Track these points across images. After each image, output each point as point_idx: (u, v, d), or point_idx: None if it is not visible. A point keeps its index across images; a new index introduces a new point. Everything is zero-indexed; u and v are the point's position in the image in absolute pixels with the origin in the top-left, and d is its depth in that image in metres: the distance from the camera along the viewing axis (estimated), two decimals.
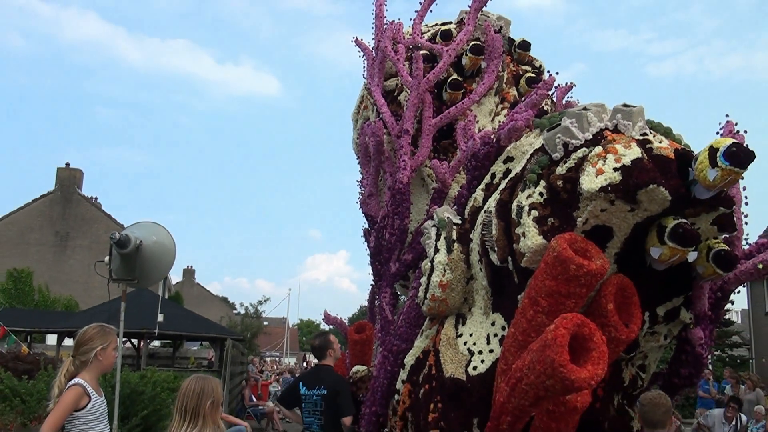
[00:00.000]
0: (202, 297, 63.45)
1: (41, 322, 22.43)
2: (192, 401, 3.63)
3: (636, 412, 9.41)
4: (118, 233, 5.94)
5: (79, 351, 4.35)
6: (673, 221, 7.24)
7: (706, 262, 7.61)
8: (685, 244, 7.16)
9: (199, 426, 3.60)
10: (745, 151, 6.86)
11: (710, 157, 6.88)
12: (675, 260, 7.41)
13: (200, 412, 3.64)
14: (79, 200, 39.02)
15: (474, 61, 12.30)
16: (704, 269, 7.73)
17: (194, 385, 3.71)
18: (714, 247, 7.61)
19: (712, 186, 6.94)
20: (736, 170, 6.77)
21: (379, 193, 13.54)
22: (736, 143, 6.90)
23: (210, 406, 3.67)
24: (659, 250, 7.33)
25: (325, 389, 6.42)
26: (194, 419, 3.60)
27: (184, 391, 3.67)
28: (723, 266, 7.60)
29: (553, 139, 7.91)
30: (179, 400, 3.68)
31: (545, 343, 6.81)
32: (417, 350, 10.23)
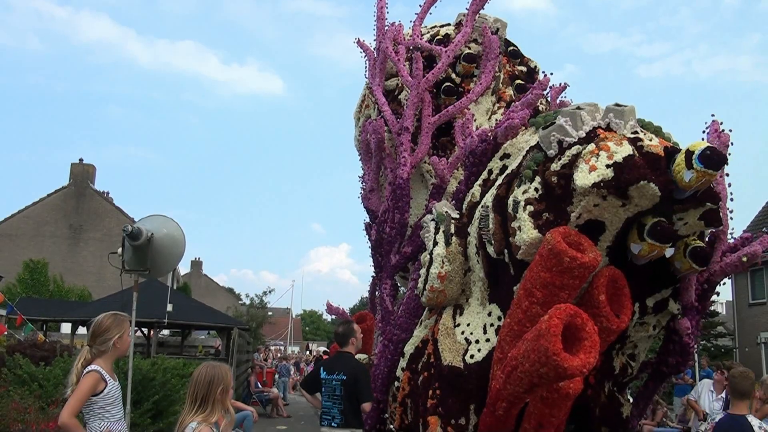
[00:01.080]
0: (209, 288, 63.84)
1: (56, 312, 22.78)
2: (203, 388, 3.67)
3: (625, 399, 9.69)
4: (131, 226, 6.08)
5: (96, 341, 4.55)
6: (652, 219, 7.58)
7: (683, 257, 7.98)
8: (663, 241, 7.56)
9: (208, 411, 3.64)
10: (718, 155, 7.18)
11: (686, 159, 7.19)
12: (653, 256, 7.77)
13: (210, 398, 3.67)
14: (92, 194, 39.39)
15: (467, 68, 12.53)
16: (681, 264, 8.09)
17: (205, 372, 3.76)
18: (691, 244, 7.97)
19: (687, 186, 7.26)
20: (709, 172, 7.09)
21: (380, 188, 13.79)
22: (710, 147, 7.22)
23: (220, 393, 3.72)
24: (639, 246, 7.69)
25: (345, 375, 6.65)
26: (204, 405, 3.64)
27: (196, 379, 3.72)
28: (699, 262, 7.98)
29: (548, 137, 8.15)
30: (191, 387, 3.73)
31: (539, 332, 7.07)
32: (416, 339, 10.51)
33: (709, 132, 8.38)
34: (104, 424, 4.35)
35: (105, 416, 4.38)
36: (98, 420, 4.36)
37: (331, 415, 6.60)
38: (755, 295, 25.78)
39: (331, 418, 6.61)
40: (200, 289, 58.63)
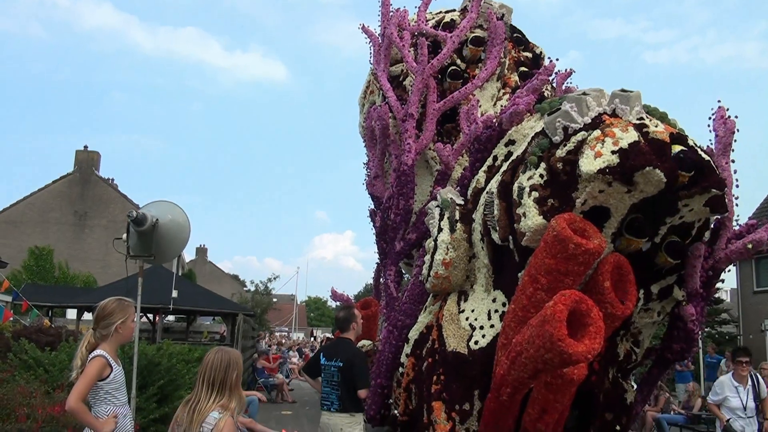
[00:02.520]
0: (214, 274, 63.95)
1: (62, 298, 22.94)
2: (219, 373, 3.64)
3: (629, 385, 9.70)
4: (136, 212, 6.08)
5: (99, 324, 4.57)
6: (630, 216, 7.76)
7: (660, 251, 8.14)
8: (639, 236, 7.77)
9: (226, 397, 3.61)
10: (690, 158, 7.36)
11: None
12: (632, 249, 7.92)
13: (227, 384, 3.65)
14: (96, 181, 39.44)
15: (474, 52, 12.49)
16: (658, 258, 8.25)
17: (220, 357, 3.72)
18: (667, 238, 8.12)
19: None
20: (683, 173, 7.26)
21: (384, 174, 13.79)
22: (684, 150, 7.39)
23: (236, 378, 3.71)
24: (618, 240, 7.89)
25: (341, 362, 6.66)
26: (221, 390, 3.62)
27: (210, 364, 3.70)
28: (674, 255, 8.16)
29: (554, 123, 8.13)
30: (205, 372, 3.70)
31: (544, 318, 7.06)
32: (421, 325, 10.54)
33: (715, 118, 8.33)
34: (110, 409, 4.38)
35: (111, 401, 4.40)
36: (104, 404, 4.38)
37: (330, 400, 6.63)
38: (760, 283, 25.70)
39: (330, 404, 6.63)
40: (205, 275, 58.75)
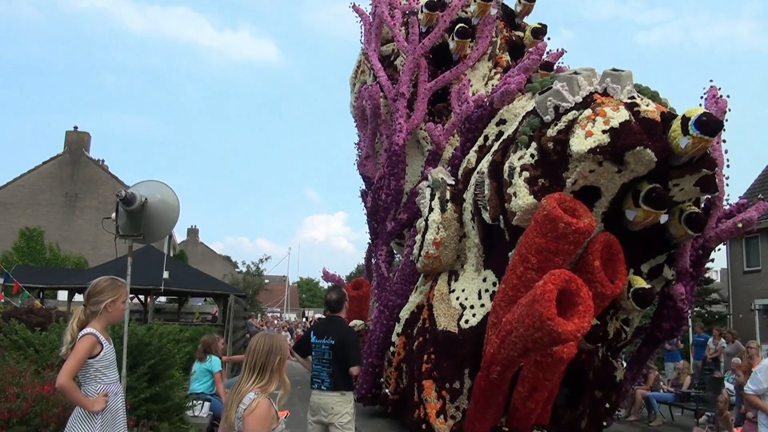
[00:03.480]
0: (205, 255, 63.84)
1: (53, 279, 22.85)
2: (261, 357, 3.68)
3: (619, 363, 9.77)
4: (124, 191, 6.03)
5: (90, 301, 4.56)
6: (647, 185, 7.52)
7: (678, 223, 8.00)
8: (658, 207, 7.53)
9: (265, 380, 3.64)
10: (714, 121, 7.14)
11: (682, 126, 7.15)
12: (648, 222, 7.75)
13: (268, 368, 3.68)
14: (86, 162, 39.18)
15: (461, 44, 12.39)
16: (676, 230, 8.12)
17: (263, 342, 3.73)
18: (686, 209, 7.97)
19: (683, 153, 7.24)
20: (705, 138, 7.06)
21: (375, 155, 13.76)
22: (706, 113, 7.16)
23: (278, 363, 3.72)
24: (633, 212, 7.69)
25: (333, 340, 6.66)
26: (262, 374, 3.66)
27: (254, 348, 3.71)
28: (694, 227, 8.00)
29: (545, 102, 8.11)
30: (249, 357, 3.73)
31: (534, 297, 7.09)
32: (411, 305, 10.58)
33: (707, 97, 8.34)
34: (100, 387, 4.36)
35: (101, 379, 4.38)
36: (94, 383, 4.37)
37: (321, 378, 6.63)
38: (750, 263, 25.85)
39: (321, 381, 6.64)
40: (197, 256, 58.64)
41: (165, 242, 35.06)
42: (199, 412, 8.26)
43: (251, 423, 3.48)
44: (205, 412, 8.32)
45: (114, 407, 4.47)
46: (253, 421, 3.48)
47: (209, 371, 8.63)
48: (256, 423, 3.48)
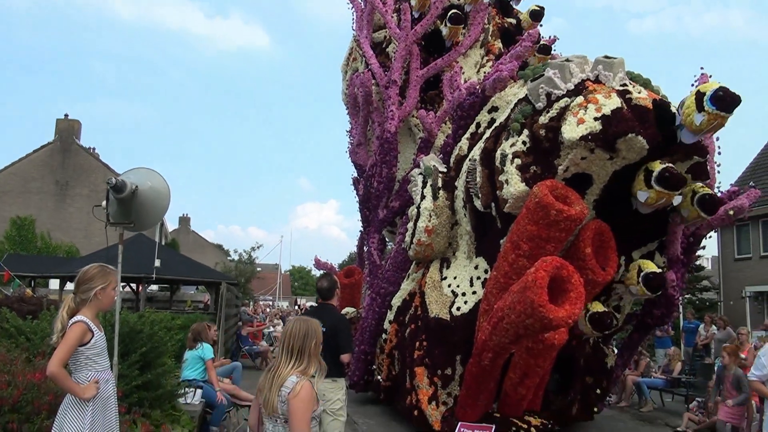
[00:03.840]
0: (197, 244, 63.70)
1: (44, 268, 22.76)
2: (297, 341, 3.75)
3: (610, 350, 9.83)
4: (115, 179, 6.00)
5: (80, 289, 4.54)
6: (660, 165, 7.27)
7: (691, 205, 7.76)
8: (672, 188, 7.24)
9: (304, 364, 3.71)
10: (731, 96, 6.84)
11: (697, 101, 6.90)
12: (661, 203, 7.51)
13: (306, 351, 3.75)
14: (77, 150, 38.98)
15: (454, 30, 12.33)
16: (688, 212, 7.88)
17: (299, 326, 3.81)
18: (698, 191, 7.74)
19: (698, 130, 7.01)
20: (722, 114, 6.81)
21: (367, 142, 13.73)
22: (723, 87, 6.86)
23: (314, 346, 3.80)
24: (646, 193, 7.42)
25: (325, 327, 6.64)
26: (300, 358, 3.72)
27: (290, 333, 3.78)
28: (707, 209, 7.72)
29: (537, 89, 8.10)
30: (285, 341, 3.80)
31: (526, 284, 7.10)
32: (403, 292, 10.59)
33: (698, 85, 8.30)
34: (91, 374, 4.35)
35: (92, 366, 4.37)
36: (85, 370, 4.36)
37: None
38: (741, 250, 25.98)
39: None
40: (188, 245, 58.51)
41: (156, 230, 34.96)
42: (191, 399, 8.26)
43: (297, 405, 3.53)
44: (198, 399, 8.33)
45: (105, 394, 4.47)
46: (299, 404, 3.53)
47: (201, 358, 8.64)
48: (301, 405, 3.54)
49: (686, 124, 7.10)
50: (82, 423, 4.28)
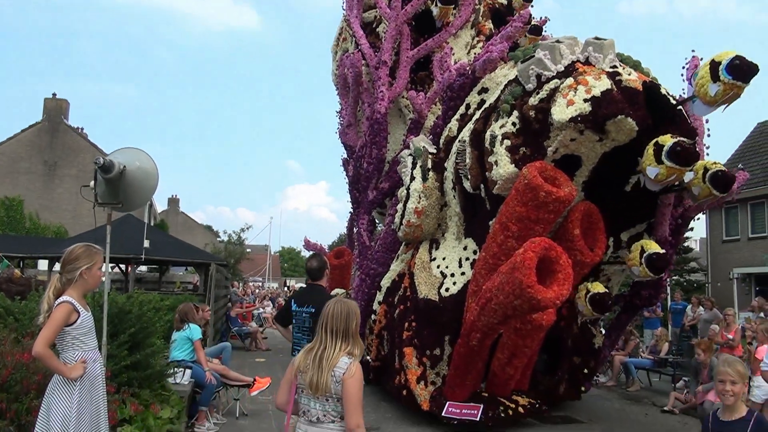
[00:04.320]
0: (186, 225, 63.46)
1: (33, 248, 22.62)
2: (341, 323, 3.77)
3: (597, 330, 9.90)
4: (103, 158, 5.95)
5: (65, 269, 4.51)
6: (672, 139, 6.95)
7: (703, 182, 7.47)
8: (684, 164, 6.87)
9: (350, 344, 3.74)
10: (748, 64, 6.55)
11: (712, 71, 6.64)
12: (672, 180, 7.16)
13: (349, 332, 3.78)
14: (66, 130, 38.67)
15: (444, 10, 12.25)
16: (700, 190, 7.58)
17: (340, 308, 3.83)
18: (710, 167, 7.45)
19: (713, 102, 6.74)
20: (738, 84, 6.55)
21: (357, 123, 13.68)
22: (739, 56, 6.59)
23: (355, 327, 3.81)
24: (656, 169, 7.06)
25: (314, 307, 6.64)
26: (345, 338, 3.75)
27: (331, 314, 3.80)
28: (719, 187, 7.42)
29: (527, 71, 8.08)
30: (327, 322, 3.82)
31: (514, 265, 7.13)
32: (393, 273, 10.61)
33: (689, 68, 8.30)
34: (78, 354, 4.34)
35: (79, 346, 4.36)
36: (72, 350, 4.35)
37: (301, 346, 6.62)
38: (729, 232, 26.12)
39: (300, 349, 6.65)
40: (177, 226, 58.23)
41: (145, 211, 34.84)
42: (180, 379, 8.27)
43: (353, 385, 3.58)
44: (187, 379, 8.34)
45: (92, 374, 4.46)
46: (355, 384, 3.58)
47: (189, 339, 8.64)
48: (358, 384, 3.59)
49: (700, 95, 6.84)
50: (69, 402, 4.28)
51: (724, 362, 3.97)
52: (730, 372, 3.84)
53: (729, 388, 3.82)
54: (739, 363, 3.97)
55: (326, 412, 3.63)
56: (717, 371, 3.96)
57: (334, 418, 3.62)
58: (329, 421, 3.63)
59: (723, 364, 3.95)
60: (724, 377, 3.85)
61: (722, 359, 4.07)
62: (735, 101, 6.86)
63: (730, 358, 4.06)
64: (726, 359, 4.03)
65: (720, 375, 3.89)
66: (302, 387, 3.71)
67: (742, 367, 3.91)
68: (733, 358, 4.09)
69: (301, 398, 3.74)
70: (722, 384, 3.85)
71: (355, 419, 3.53)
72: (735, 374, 3.83)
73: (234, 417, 9.01)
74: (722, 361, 4.00)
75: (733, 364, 3.90)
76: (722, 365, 3.94)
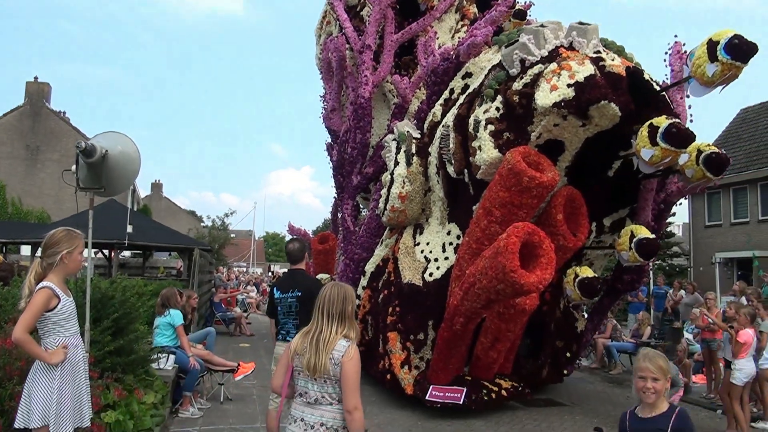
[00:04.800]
0: (170, 210, 63.13)
1: (15, 233, 22.38)
2: (338, 306, 3.80)
3: (580, 314, 9.97)
4: (84, 142, 5.89)
5: (46, 253, 4.48)
6: (667, 120, 6.84)
7: (696, 165, 7.30)
8: (679, 145, 6.77)
9: (346, 327, 3.77)
10: (747, 44, 6.37)
11: (709, 51, 6.50)
12: (666, 162, 7.02)
13: (345, 315, 3.81)
14: (48, 114, 38.26)
15: None
16: (693, 172, 7.40)
17: (336, 291, 3.86)
18: (704, 150, 7.28)
19: (710, 82, 6.60)
20: (737, 64, 6.39)
21: (341, 107, 13.63)
22: (738, 35, 6.41)
23: (350, 310, 3.85)
24: (651, 151, 6.93)
25: (300, 291, 6.66)
26: (341, 321, 3.78)
27: (327, 297, 3.84)
28: (713, 169, 7.26)
29: (511, 56, 8.08)
30: (324, 305, 3.84)
31: (497, 250, 7.16)
32: (377, 258, 10.62)
33: (671, 53, 8.33)
34: (59, 340, 4.32)
35: (60, 332, 4.35)
36: (53, 335, 4.33)
37: (286, 329, 6.65)
38: (711, 217, 26.33)
39: (286, 333, 6.66)
40: (161, 211, 57.92)
41: (128, 196, 34.63)
42: (164, 364, 8.26)
43: (352, 367, 3.62)
44: (171, 364, 8.33)
45: (74, 360, 4.44)
46: (353, 366, 3.62)
47: (171, 325, 8.62)
48: (355, 367, 3.63)
49: (696, 76, 6.70)
50: (50, 388, 4.26)
51: (644, 357, 3.65)
52: (651, 368, 3.56)
53: (650, 386, 3.52)
54: (661, 358, 3.64)
55: (324, 394, 3.67)
56: (637, 367, 3.65)
57: (333, 401, 3.67)
58: (327, 403, 3.67)
59: (643, 359, 3.63)
60: (645, 374, 3.55)
61: (642, 354, 3.72)
62: (732, 82, 6.67)
63: (651, 353, 3.67)
64: (646, 354, 3.68)
65: (640, 371, 3.59)
66: (299, 369, 3.74)
67: (663, 362, 3.61)
68: (654, 353, 3.70)
69: (298, 381, 3.77)
70: (643, 381, 3.55)
71: (353, 401, 3.58)
72: (656, 370, 3.54)
73: (218, 402, 9.01)
74: (642, 356, 3.67)
75: (654, 360, 3.60)
76: (642, 360, 3.63)
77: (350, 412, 3.58)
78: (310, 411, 3.71)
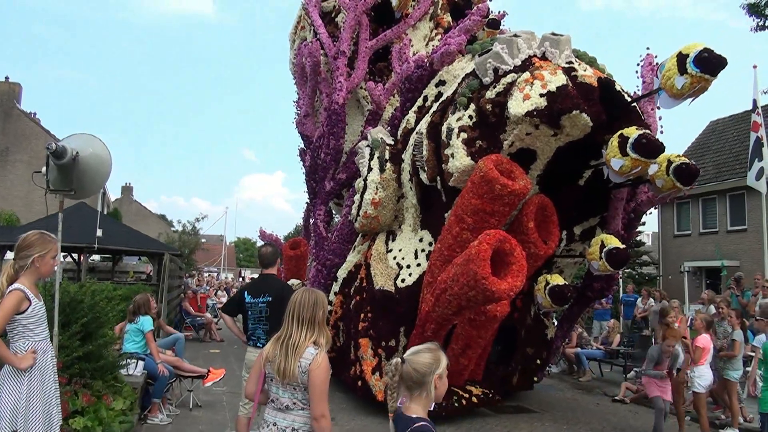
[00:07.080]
0: (140, 214, 62.50)
1: None
2: (308, 311, 3.78)
3: (550, 322, 10.06)
4: (55, 144, 5.83)
5: (18, 255, 4.43)
6: (637, 131, 6.93)
7: (666, 175, 7.39)
8: (649, 156, 6.87)
9: (315, 333, 3.74)
10: (716, 57, 6.47)
11: (679, 63, 6.59)
12: (636, 172, 7.11)
13: (315, 321, 3.78)
14: (18, 115, 37.68)
15: (404, 1, 12.24)
16: (663, 183, 7.49)
17: (308, 296, 3.84)
18: (674, 160, 7.38)
19: (679, 94, 6.70)
20: (706, 77, 6.48)
21: (315, 113, 13.62)
22: (707, 49, 6.51)
23: (322, 316, 3.82)
24: (621, 161, 7.01)
25: (270, 296, 6.63)
26: (311, 327, 3.76)
27: (299, 302, 3.81)
28: (684, 180, 7.32)
29: (484, 64, 8.15)
30: (294, 310, 3.81)
31: (469, 257, 7.21)
32: (349, 264, 10.61)
33: (643, 65, 8.44)
34: (29, 344, 4.27)
35: (29, 335, 4.29)
36: (22, 339, 4.27)
37: (257, 335, 6.61)
38: (680, 226, 26.73)
39: (257, 339, 6.63)
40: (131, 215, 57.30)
41: (98, 199, 34.22)
42: (133, 370, 8.18)
43: (320, 375, 3.61)
44: (140, 370, 8.24)
45: (43, 364, 4.38)
46: (322, 374, 3.61)
47: (140, 331, 8.53)
48: (323, 375, 3.62)
49: (666, 88, 6.80)
50: (18, 393, 4.20)
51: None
52: None
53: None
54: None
55: (295, 401, 3.67)
56: None
57: (304, 406, 3.66)
58: (298, 408, 3.66)
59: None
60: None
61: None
62: (701, 95, 6.77)
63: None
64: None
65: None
66: (271, 376, 3.73)
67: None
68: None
69: (270, 387, 3.77)
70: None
71: (320, 408, 3.58)
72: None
73: (188, 408, 8.93)
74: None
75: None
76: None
77: (317, 419, 3.58)
78: (282, 416, 3.70)
